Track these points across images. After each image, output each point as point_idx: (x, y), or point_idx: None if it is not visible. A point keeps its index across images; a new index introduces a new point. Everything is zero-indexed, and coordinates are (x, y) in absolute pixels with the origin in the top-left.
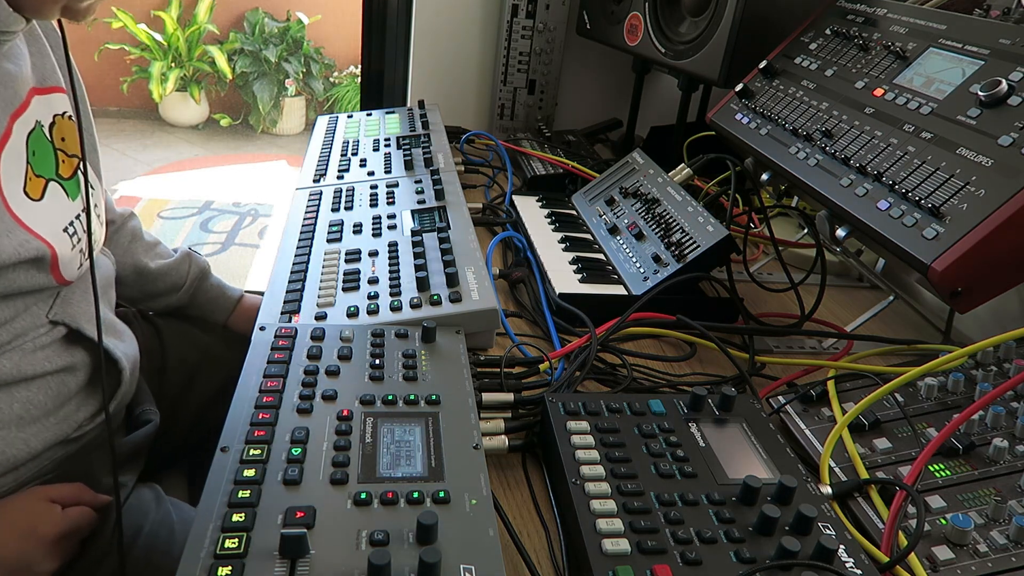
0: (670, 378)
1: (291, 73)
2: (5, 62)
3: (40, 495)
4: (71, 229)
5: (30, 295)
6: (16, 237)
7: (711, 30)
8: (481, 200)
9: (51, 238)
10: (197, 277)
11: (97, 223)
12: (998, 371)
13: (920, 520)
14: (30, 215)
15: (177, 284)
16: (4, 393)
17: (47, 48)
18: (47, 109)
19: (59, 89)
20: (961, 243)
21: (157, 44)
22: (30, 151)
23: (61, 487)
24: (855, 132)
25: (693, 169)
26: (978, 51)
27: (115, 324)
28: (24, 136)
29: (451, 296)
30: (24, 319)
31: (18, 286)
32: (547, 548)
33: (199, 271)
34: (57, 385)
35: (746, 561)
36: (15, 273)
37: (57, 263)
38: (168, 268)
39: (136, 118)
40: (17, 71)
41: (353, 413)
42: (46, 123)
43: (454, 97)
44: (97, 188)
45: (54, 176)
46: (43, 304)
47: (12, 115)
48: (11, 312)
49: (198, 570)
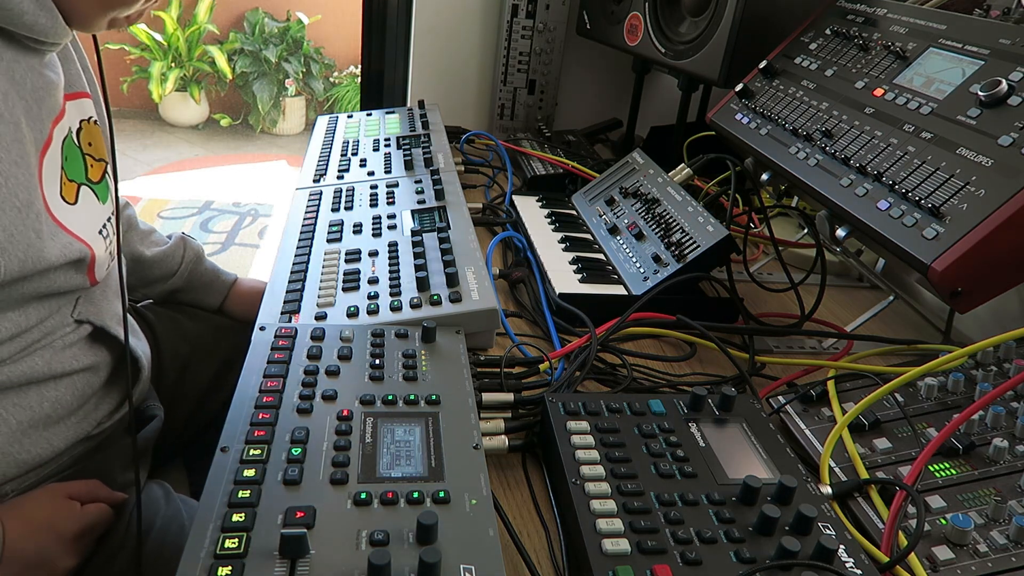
0: (670, 378)
1: (291, 73)
2: (47, 71)
3: (59, 492)
4: (104, 231)
5: (64, 295)
6: (60, 240)
7: (711, 30)
8: (481, 200)
9: (90, 240)
10: (191, 261)
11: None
12: (998, 371)
13: (920, 520)
14: (69, 219)
15: (172, 270)
16: (35, 392)
17: (72, 54)
18: (76, 115)
19: (85, 94)
20: (961, 243)
21: (157, 44)
22: (64, 157)
23: (79, 484)
24: (855, 132)
25: (693, 169)
26: (978, 51)
27: (133, 323)
28: (60, 142)
29: (451, 296)
30: (55, 318)
31: (57, 287)
32: (547, 548)
33: (193, 255)
34: (83, 385)
35: (746, 561)
36: (56, 274)
37: (94, 264)
38: (163, 255)
39: (136, 118)
40: (56, 79)
41: (353, 413)
42: (75, 129)
43: (454, 97)
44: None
45: (84, 180)
46: (69, 304)
47: (53, 122)
48: (45, 312)
49: (198, 570)
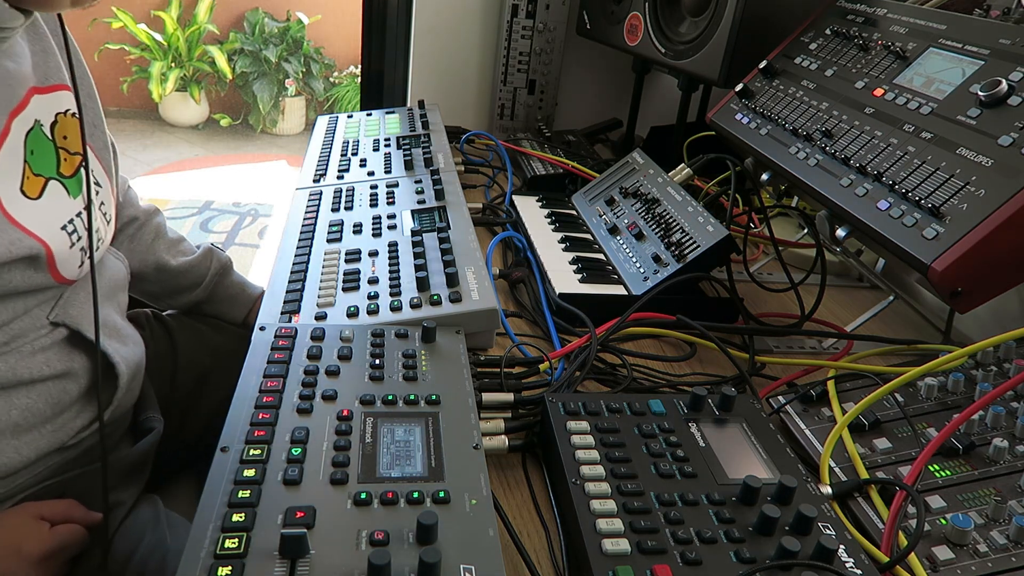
0: (670, 378)
1: (291, 73)
2: (5, 60)
3: (29, 512)
4: (70, 227)
5: (30, 296)
6: (7, 236)
7: (711, 30)
8: (481, 200)
9: (47, 236)
10: (217, 273)
11: (102, 221)
12: (998, 371)
13: (920, 520)
14: (25, 213)
15: (197, 281)
16: (2, 399)
17: (52, 46)
18: (49, 107)
19: (64, 87)
20: (961, 243)
21: (157, 44)
22: (28, 150)
23: (53, 504)
24: (855, 132)
25: (693, 169)
26: (978, 51)
27: (120, 328)
28: (22, 135)
29: (451, 296)
30: (24, 320)
31: (14, 286)
32: (547, 548)
33: (220, 267)
34: (58, 392)
35: (746, 561)
36: (10, 273)
37: (54, 261)
38: (189, 265)
39: (136, 118)
40: (16, 69)
41: (353, 413)
42: (47, 122)
43: (454, 97)
44: (105, 186)
45: (55, 175)
46: (45, 305)
47: (11, 113)
48: (9, 314)
49: (198, 570)
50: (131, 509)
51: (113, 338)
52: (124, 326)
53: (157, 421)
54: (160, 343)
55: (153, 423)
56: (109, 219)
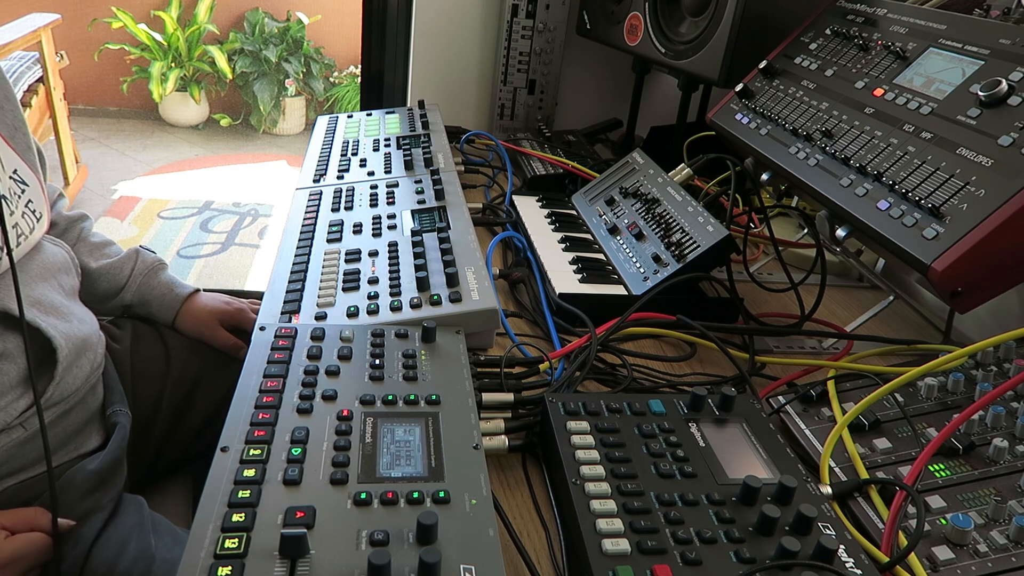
0: (670, 378)
1: (291, 73)
2: None
3: None
4: None
5: None
6: None
7: (711, 30)
8: (481, 200)
9: None
10: (142, 274)
11: (30, 217)
12: (998, 371)
13: (920, 520)
14: None
15: (119, 283)
16: None
17: None
18: None
19: None
20: (961, 243)
21: (157, 44)
22: None
23: (16, 512)
24: (855, 132)
25: (693, 169)
26: (978, 51)
27: (59, 305)
28: None
29: (451, 296)
30: None
31: None
32: (547, 548)
33: (145, 268)
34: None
35: (746, 561)
36: None
37: None
38: (109, 267)
39: (136, 118)
40: None
41: (353, 413)
42: None
43: (454, 97)
44: (33, 184)
45: None
46: None
47: None
48: None
49: (198, 570)
50: (113, 515)
51: (51, 315)
52: (66, 304)
53: (124, 415)
54: (152, 345)
55: (119, 416)
56: (40, 215)
